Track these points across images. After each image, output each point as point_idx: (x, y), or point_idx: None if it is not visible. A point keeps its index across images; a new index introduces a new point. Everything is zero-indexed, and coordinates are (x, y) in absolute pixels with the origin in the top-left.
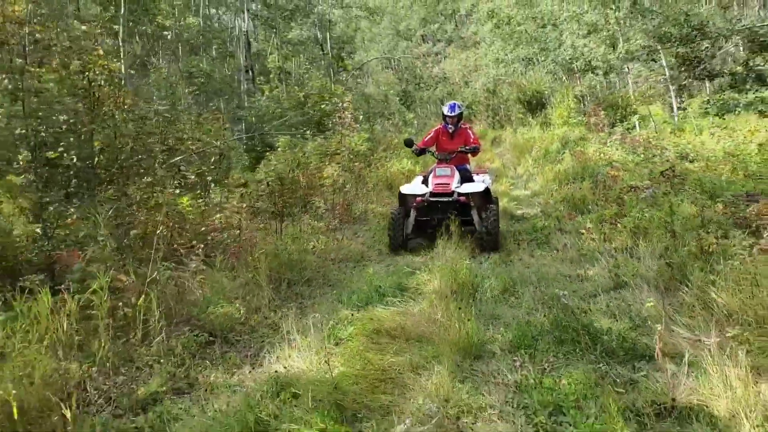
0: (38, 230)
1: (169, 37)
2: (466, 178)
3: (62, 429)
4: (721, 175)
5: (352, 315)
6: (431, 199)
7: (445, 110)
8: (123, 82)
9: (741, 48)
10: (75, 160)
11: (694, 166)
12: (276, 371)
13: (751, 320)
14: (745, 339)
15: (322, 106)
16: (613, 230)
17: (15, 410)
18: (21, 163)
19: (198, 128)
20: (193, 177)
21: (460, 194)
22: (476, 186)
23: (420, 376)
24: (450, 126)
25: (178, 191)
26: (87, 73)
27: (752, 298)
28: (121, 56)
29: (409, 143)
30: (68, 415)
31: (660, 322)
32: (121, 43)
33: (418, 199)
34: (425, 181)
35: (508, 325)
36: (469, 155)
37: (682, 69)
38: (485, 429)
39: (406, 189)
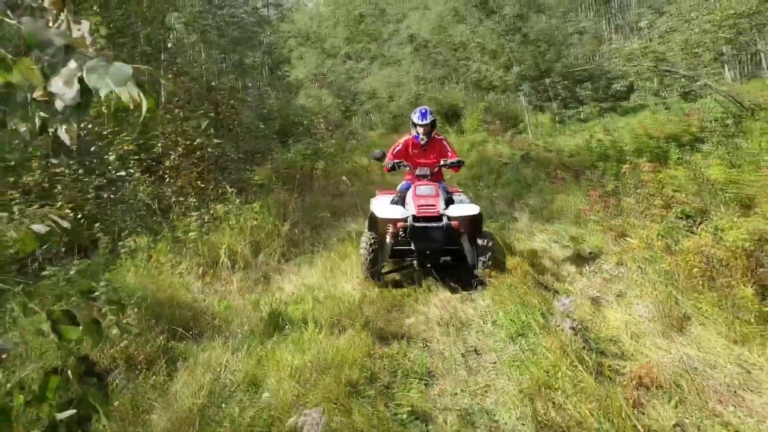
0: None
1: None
2: (448, 198)
3: (282, 247)
4: (562, 158)
5: None
6: (416, 224)
7: (415, 118)
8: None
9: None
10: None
11: (551, 154)
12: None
13: (538, 202)
14: (532, 211)
15: (303, 121)
16: (495, 186)
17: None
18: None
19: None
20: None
21: (450, 218)
22: (468, 208)
23: None
24: (422, 137)
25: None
26: (217, 107)
27: (542, 199)
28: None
29: (379, 157)
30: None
31: (508, 211)
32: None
33: (400, 224)
34: (399, 202)
35: None
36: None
37: (536, 94)
38: None
39: (381, 212)
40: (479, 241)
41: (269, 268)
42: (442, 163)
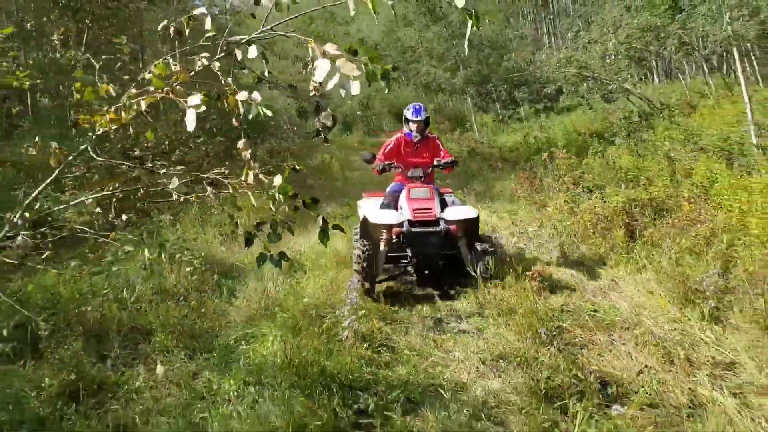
0: None
1: None
2: (442, 200)
3: None
4: (503, 153)
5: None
6: (413, 230)
7: (409, 114)
8: None
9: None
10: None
11: (493, 149)
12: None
13: (482, 188)
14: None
15: (270, 122)
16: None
17: None
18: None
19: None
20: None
21: (447, 222)
22: (465, 211)
23: None
24: (415, 134)
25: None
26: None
27: (486, 185)
28: None
29: (368, 158)
30: None
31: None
32: None
33: (395, 230)
34: (390, 205)
35: None
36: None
37: (480, 97)
38: None
39: (374, 217)
40: (477, 246)
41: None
42: (435, 163)
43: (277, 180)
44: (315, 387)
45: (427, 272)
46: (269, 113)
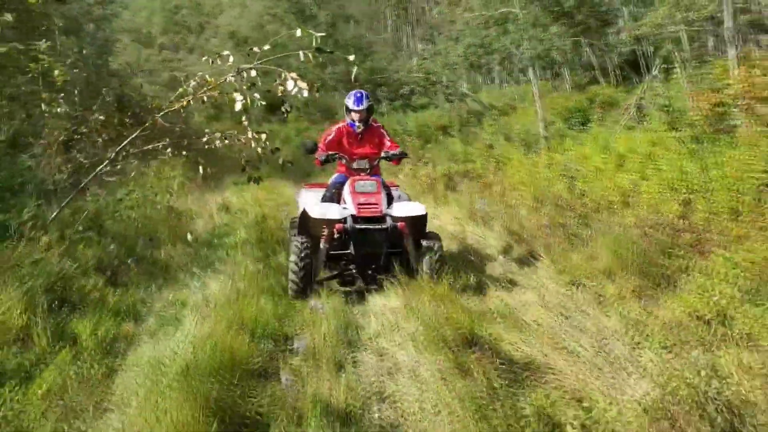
0: None
1: None
2: (388, 195)
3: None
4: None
5: None
6: (357, 226)
7: (350, 103)
8: None
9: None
10: None
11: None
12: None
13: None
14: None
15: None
16: None
17: None
18: None
19: None
20: None
21: (394, 218)
22: (414, 208)
23: None
24: (357, 124)
25: None
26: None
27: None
28: None
29: (311, 148)
30: None
31: None
32: None
33: (338, 226)
34: (332, 198)
35: None
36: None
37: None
38: None
39: (315, 211)
40: (424, 243)
41: (199, 194)
42: (383, 155)
43: (263, 136)
44: (276, 246)
45: (370, 272)
46: (263, 103)
